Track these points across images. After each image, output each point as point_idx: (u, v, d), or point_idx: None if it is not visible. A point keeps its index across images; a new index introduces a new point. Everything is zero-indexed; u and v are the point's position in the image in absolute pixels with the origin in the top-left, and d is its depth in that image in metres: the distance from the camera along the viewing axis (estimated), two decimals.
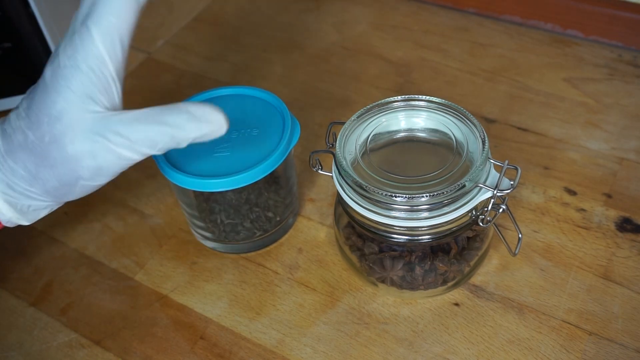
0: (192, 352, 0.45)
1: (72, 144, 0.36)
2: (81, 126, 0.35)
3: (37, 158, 0.36)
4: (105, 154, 0.36)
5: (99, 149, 0.35)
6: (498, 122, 0.59)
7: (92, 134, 0.35)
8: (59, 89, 0.35)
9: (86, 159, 0.36)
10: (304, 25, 0.72)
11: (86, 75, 0.35)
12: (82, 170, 0.36)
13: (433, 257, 0.44)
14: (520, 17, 0.68)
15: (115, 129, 0.35)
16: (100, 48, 0.35)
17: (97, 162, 0.36)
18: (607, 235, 0.49)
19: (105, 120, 0.35)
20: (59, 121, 0.35)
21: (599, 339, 0.44)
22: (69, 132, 0.35)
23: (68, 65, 0.35)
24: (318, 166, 0.46)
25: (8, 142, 0.37)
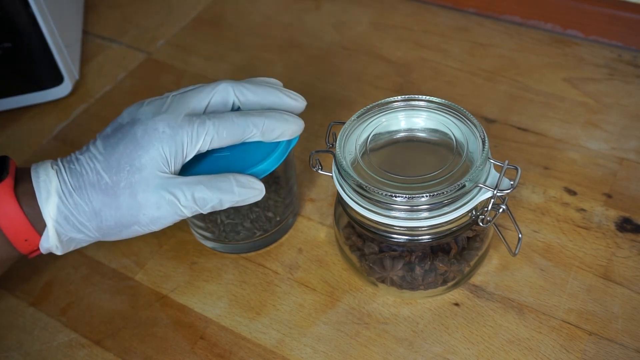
0: (192, 352, 0.45)
1: (144, 193, 0.41)
2: (154, 181, 0.41)
3: (106, 198, 0.41)
4: (167, 207, 0.41)
5: (164, 202, 0.41)
6: (498, 122, 0.59)
7: (161, 189, 0.41)
8: (150, 148, 0.41)
9: (150, 208, 0.41)
10: (304, 25, 0.72)
11: (176, 147, 0.41)
12: (143, 217, 0.42)
13: (433, 257, 0.44)
14: (520, 17, 0.68)
15: (182, 188, 0.41)
16: (202, 143, 0.42)
17: (159, 212, 0.42)
18: (607, 235, 0.49)
19: (173, 181, 0.42)
20: (139, 172, 0.41)
21: (599, 339, 0.44)
22: (143, 183, 0.41)
23: (167, 133, 0.41)
24: (318, 166, 0.46)
25: (78, 179, 0.42)
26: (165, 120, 0.42)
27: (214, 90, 0.44)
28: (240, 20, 0.74)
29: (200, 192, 0.42)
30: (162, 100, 0.43)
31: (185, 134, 0.41)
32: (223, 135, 0.42)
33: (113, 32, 0.75)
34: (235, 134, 0.43)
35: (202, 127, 0.42)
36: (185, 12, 0.76)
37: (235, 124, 0.42)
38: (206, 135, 0.42)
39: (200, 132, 0.42)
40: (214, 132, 0.42)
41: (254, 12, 0.75)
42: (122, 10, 0.78)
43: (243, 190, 0.43)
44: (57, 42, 0.62)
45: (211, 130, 0.42)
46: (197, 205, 0.42)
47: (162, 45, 0.72)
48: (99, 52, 0.72)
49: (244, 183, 0.43)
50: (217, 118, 0.42)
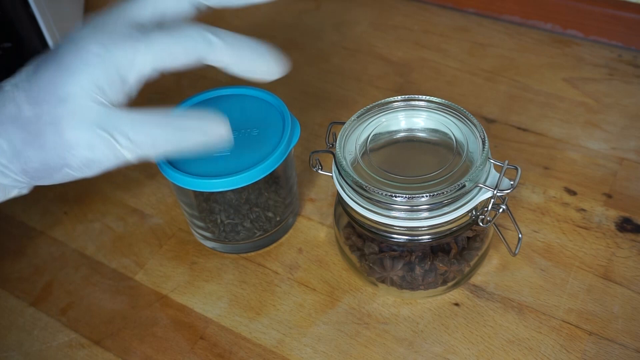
0: (192, 352, 0.45)
1: (72, 130, 0.34)
2: (86, 115, 0.34)
3: (27, 135, 0.34)
4: (104, 149, 0.34)
5: (98, 143, 0.34)
6: (498, 122, 0.59)
7: (95, 126, 0.34)
8: (78, 73, 0.34)
9: (81, 149, 0.34)
10: (304, 25, 0.72)
11: (109, 70, 0.34)
12: (73, 158, 0.35)
13: (433, 257, 0.44)
14: (520, 17, 0.68)
15: (123, 129, 0.34)
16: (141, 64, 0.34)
17: (93, 154, 0.35)
18: (607, 235, 0.49)
19: (113, 116, 0.34)
20: (64, 104, 0.34)
21: (599, 339, 0.44)
22: (71, 118, 0.34)
23: (95, 53, 0.33)
24: (318, 166, 0.46)
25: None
26: (98, 37, 0.34)
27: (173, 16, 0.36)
28: (240, 20, 0.74)
29: (148, 135, 0.34)
30: (103, 15, 0.35)
31: (120, 53, 0.33)
32: (176, 51, 0.34)
33: None
34: (188, 49, 0.34)
35: (143, 42, 0.33)
36: None
37: (189, 36, 0.34)
38: (146, 52, 0.34)
39: (139, 48, 0.33)
40: (157, 48, 0.34)
41: (254, 12, 0.75)
42: None
43: (204, 131, 0.35)
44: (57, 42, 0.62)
45: (154, 44, 0.34)
46: (145, 149, 0.35)
47: None
48: None
49: (204, 126, 0.36)
50: (167, 30, 0.34)
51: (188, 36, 0.34)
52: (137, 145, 0.34)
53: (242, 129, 0.47)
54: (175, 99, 0.63)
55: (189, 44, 0.34)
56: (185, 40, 0.34)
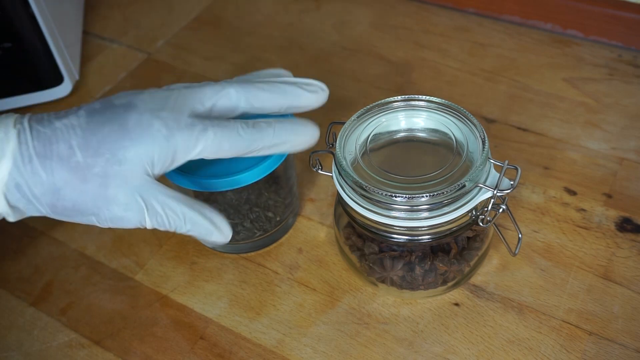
0: (192, 352, 0.45)
1: (117, 188, 0.37)
2: (133, 180, 0.37)
3: (72, 177, 0.37)
4: (135, 212, 0.38)
5: (133, 206, 0.38)
6: (498, 122, 0.59)
7: (137, 192, 0.37)
8: (139, 143, 0.37)
9: (117, 207, 0.38)
10: (304, 25, 0.72)
11: (168, 151, 0.37)
12: (106, 212, 0.38)
13: (433, 257, 0.44)
14: (520, 17, 0.68)
15: (156, 202, 0.38)
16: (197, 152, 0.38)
17: (124, 214, 0.38)
18: (607, 235, 0.49)
19: (152, 187, 0.38)
20: (119, 164, 0.37)
21: (599, 339, 0.44)
22: (120, 178, 0.37)
23: (162, 134, 0.37)
24: (318, 166, 0.46)
25: (45, 146, 0.37)
26: (164, 118, 0.37)
27: (222, 92, 0.40)
28: (240, 20, 0.74)
29: (172, 212, 0.39)
30: (166, 94, 0.39)
31: (182, 140, 0.37)
32: (224, 147, 0.38)
33: (113, 32, 0.75)
34: (238, 148, 0.39)
35: (202, 135, 0.38)
36: (185, 12, 0.76)
37: (241, 138, 0.39)
38: (205, 145, 0.38)
39: (199, 139, 0.38)
40: (213, 143, 0.38)
41: (254, 12, 0.75)
42: (122, 10, 0.78)
43: (211, 230, 0.40)
44: (57, 42, 0.62)
45: (211, 140, 0.38)
46: (163, 222, 0.39)
47: (162, 45, 0.72)
48: (99, 52, 0.72)
49: (216, 223, 0.41)
50: (220, 127, 0.38)
51: (241, 137, 0.39)
52: (160, 220, 0.39)
53: None
54: None
55: (241, 144, 0.39)
56: (238, 140, 0.39)
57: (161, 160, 0.38)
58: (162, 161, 0.38)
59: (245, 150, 0.39)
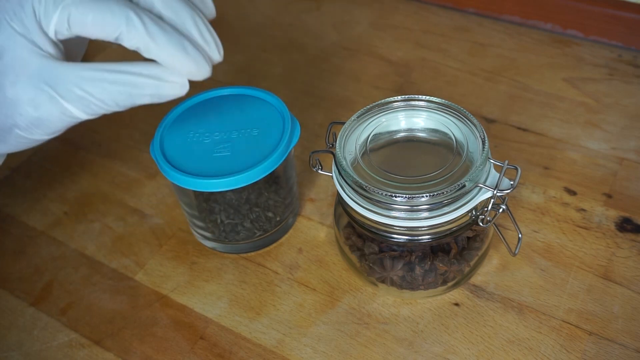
0: (192, 352, 0.45)
1: (13, 86, 0.32)
2: (26, 69, 0.31)
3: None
4: (50, 106, 0.32)
5: (43, 99, 0.32)
6: (498, 122, 0.59)
7: (37, 81, 0.31)
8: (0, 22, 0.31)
9: (26, 107, 0.32)
10: (304, 25, 0.72)
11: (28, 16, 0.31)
12: (20, 117, 0.32)
13: (433, 257, 0.44)
14: (520, 17, 0.68)
15: (67, 83, 0.31)
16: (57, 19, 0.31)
17: (39, 112, 0.32)
18: (607, 235, 0.49)
19: (55, 68, 0.31)
20: (0, 59, 0.31)
21: (599, 339, 0.44)
22: (10, 72, 0.31)
23: (14, 2, 0.31)
24: (318, 166, 0.46)
25: None
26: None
27: None
28: (240, 20, 0.74)
29: (93, 86, 0.32)
30: None
31: (37, 2, 0.31)
32: (87, 19, 0.31)
33: None
34: (104, 25, 0.32)
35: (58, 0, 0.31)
36: None
37: (110, 12, 0.31)
38: (62, 10, 0.31)
39: (56, 3, 0.31)
40: (75, 9, 0.31)
41: (254, 12, 0.75)
42: None
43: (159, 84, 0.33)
44: None
45: (73, 5, 0.31)
46: (92, 104, 0.32)
47: None
48: (99, 52, 0.72)
49: (159, 75, 0.33)
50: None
51: (111, 11, 0.32)
52: (85, 102, 0.32)
53: (242, 129, 0.47)
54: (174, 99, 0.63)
55: (109, 19, 0.32)
56: (107, 14, 0.31)
57: (30, 31, 0.31)
58: (34, 33, 0.31)
59: (112, 32, 0.32)
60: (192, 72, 0.34)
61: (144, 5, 0.33)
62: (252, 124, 0.47)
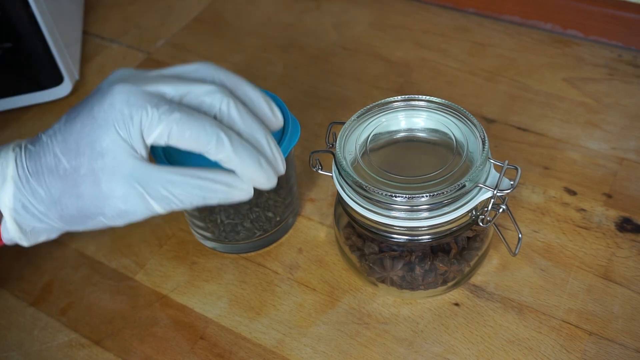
0: (192, 352, 0.45)
1: (109, 183, 0.36)
2: (122, 169, 0.36)
3: (65, 185, 0.36)
4: (137, 202, 0.36)
5: (133, 196, 0.36)
6: (498, 122, 0.59)
7: (131, 179, 0.36)
8: (107, 128, 0.35)
9: (116, 200, 0.36)
10: (304, 25, 0.72)
11: (134, 128, 0.35)
12: (108, 209, 0.37)
13: (433, 257, 0.44)
14: (520, 17, 0.68)
15: (155, 184, 0.36)
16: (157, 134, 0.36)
17: (127, 206, 0.36)
18: (607, 235, 0.49)
19: (146, 170, 0.36)
20: (101, 157, 0.36)
21: (599, 339, 0.44)
22: (108, 170, 0.36)
23: (125, 112, 0.35)
24: (318, 166, 0.46)
25: (35, 163, 0.37)
26: (124, 93, 0.35)
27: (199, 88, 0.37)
28: (240, 20, 0.74)
29: (176, 188, 0.36)
30: (140, 72, 0.38)
31: (145, 115, 0.35)
32: (185, 135, 0.36)
33: (113, 32, 0.75)
34: (198, 141, 0.36)
35: (165, 115, 0.35)
36: (185, 12, 0.76)
37: (204, 131, 0.36)
38: (165, 126, 0.35)
39: (162, 119, 0.35)
40: (176, 126, 0.35)
41: (254, 12, 0.75)
42: (122, 10, 0.78)
43: (228, 190, 0.38)
44: (57, 42, 0.62)
45: (175, 122, 0.35)
46: (172, 202, 0.37)
47: (162, 45, 0.72)
48: (99, 52, 0.72)
49: (230, 182, 0.38)
50: (187, 113, 0.36)
51: (205, 130, 0.36)
52: (167, 200, 0.37)
53: None
54: None
55: (203, 137, 0.36)
56: (201, 132, 0.36)
57: (133, 139, 0.35)
58: (136, 141, 0.36)
59: (205, 147, 0.36)
60: (262, 183, 0.39)
61: (226, 124, 0.38)
62: None
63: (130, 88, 0.36)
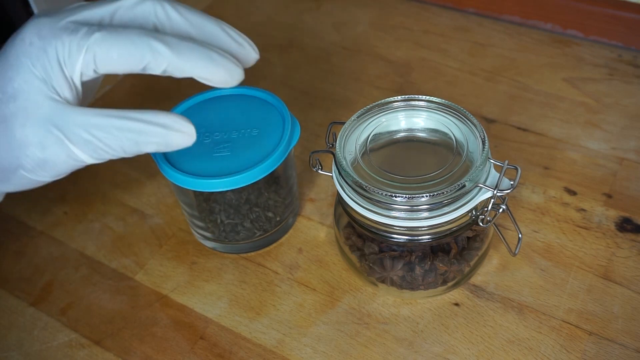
0: (192, 352, 0.45)
1: (23, 128, 0.32)
2: (37, 112, 0.32)
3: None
4: (56, 149, 0.33)
5: (50, 142, 0.32)
6: (498, 122, 0.59)
7: (47, 123, 0.32)
8: (19, 67, 0.32)
9: (33, 148, 0.32)
10: (304, 25, 0.72)
11: (50, 64, 0.32)
12: (26, 159, 0.33)
13: (433, 257, 0.44)
14: (520, 17, 0.68)
15: (76, 128, 0.32)
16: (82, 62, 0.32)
17: (45, 154, 0.33)
18: (607, 235, 0.49)
19: (65, 112, 0.32)
20: (13, 100, 0.32)
21: (599, 339, 0.44)
22: (21, 115, 0.32)
23: (36, 45, 0.31)
24: (318, 166, 0.46)
25: None
26: (35, 26, 0.32)
27: (126, 1, 0.33)
28: (240, 20, 0.74)
29: (101, 131, 0.32)
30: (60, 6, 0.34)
31: (60, 46, 0.31)
32: (112, 56, 0.32)
33: None
34: (129, 58, 0.32)
35: (84, 39, 0.31)
36: None
37: (133, 45, 0.32)
38: (87, 52, 0.31)
39: (81, 45, 0.31)
40: (99, 49, 0.32)
41: (254, 12, 0.75)
42: None
43: (167, 133, 0.33)
44: None
45: (97, 45, 0.31)
46: (99, 148, 0.33)
47: None
48: None
49: (167, 125, 0.33)
50: (110, 31, 0.32)
51: (134, 43, 0.32)
52: (91, 146, 0.33)
53: (242, 129, 0.47)
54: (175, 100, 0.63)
55: (134, 52, 0.32)
56: (130, 48, 0.32)
57: (51, 77, 0.32)
58: (55, 78, 0.32)
59: (140, 63, 0.33)
60: (225, 80, 0.34)
61: (170, 31, 0.34)
62: (252, 124, 0.47)
63: (42, 20, 0.32)
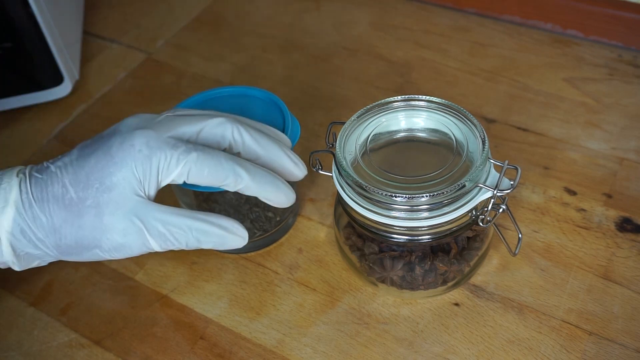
0: (192, 352, 0.45)
1: (111, 216, 0.38)
2: (126, 204, 0.38)
3: (68, 214, 0.38)
4: (135, 237, 0.38)
5: (132, 230, 0.38)
6: (498, 122, 0.59)
7: (132, 215, 0.38)
8: (123, 166, 0.38)
9: (115, 234, 0.38)
10: (304, 25, 0.72)
11: (151, 171, 0.38)
12: (106, 241, 0.39)
13: (433, 257, 0.44)
14: (520, 17, 0.68)
15: (154, 221, 0.38)
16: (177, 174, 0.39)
17: (125, 240, 0.38)
18: (607, 235, 0.49)
19: (148, 208, 0.38)
20: (109, 191, 0.38)
21: (599, 339, 0.44)
22: (112, 204, 0.38)
23: (143, 153, 0.38)
24: (318, 166, 0.46)
25: (42, 191, 0.38)
26: (145, 136, 0.38)
27: (211, 121, 0.41)
28: (240, 20, 0.74)
29: (175, 228, 0.39)
30: (153, 116, 0.41)
31: (163, 158, 0.38)
32: (203, 173, 0.39)
33: (113, 32, 0.75)
34: (216, 177, 0.39)
35: (183, 156, 0.38)
36: (185, 12, 0.76)
37: (221, 167, 0.39)
38: (184, 166, 0.38)
39: (180, 160, 0.38)
40: (194, 166, 0.39)
41: (254, 12, 0.75)
42: (122, 10, 0.78)
43: (225, 235, 0.40)
44: (57, 42, 0.62)
45: (192, 162, 0.39)
46: (169, 240, 0.39)
47: (162, 45, 0.72)
48: (99, 52, 0.72)
49: (227, 228, 0.40)
50: (204, 152, 0.39)
51: (222, 166, 0.39)
52: (164, 238, 0.39)
53: None
54: (175, 99, 0.63)
55: (221, 173, 0.39)
56: (219, 169, 0.39)
57: (147, 179, 0.38)
58: (148, 180, 0.38)
59: (223, 182, 0.40)
60: (282, 202, 0.42)
61: (242, 149, 0.42)
62: None
63: (150, 133, 0.39)
